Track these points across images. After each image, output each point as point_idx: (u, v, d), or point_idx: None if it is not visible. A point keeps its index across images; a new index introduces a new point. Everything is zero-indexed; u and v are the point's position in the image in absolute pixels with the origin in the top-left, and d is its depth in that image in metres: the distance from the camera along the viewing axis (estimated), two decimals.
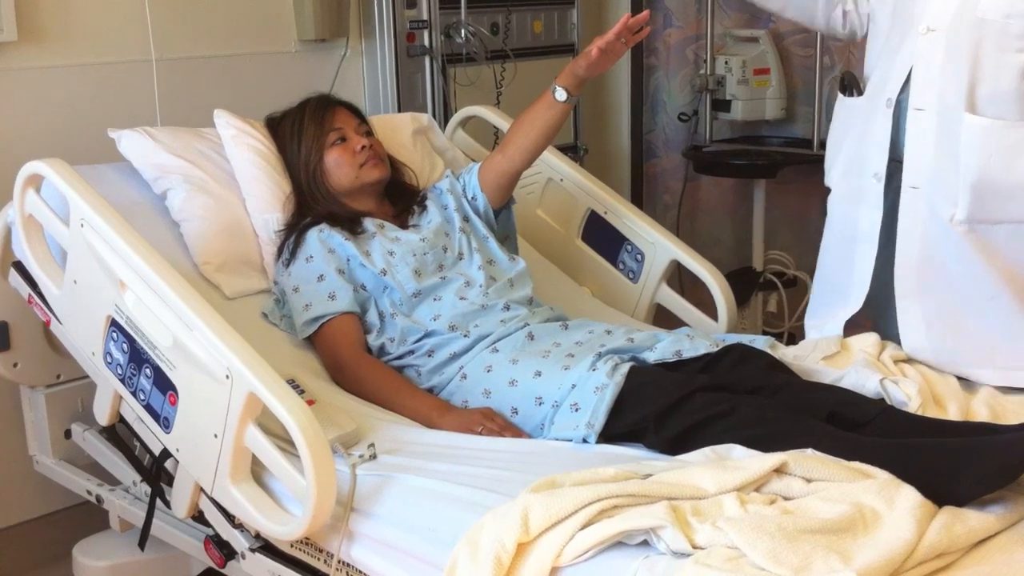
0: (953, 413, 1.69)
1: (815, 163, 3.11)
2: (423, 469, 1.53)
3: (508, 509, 1.31)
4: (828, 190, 2.08)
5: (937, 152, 1.82)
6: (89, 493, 2.05)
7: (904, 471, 1.36)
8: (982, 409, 1.70)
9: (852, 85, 2.02)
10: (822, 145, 3.08)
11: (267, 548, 1.65)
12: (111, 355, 1.69)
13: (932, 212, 1.84)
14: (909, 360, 1.87)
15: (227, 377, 1.49)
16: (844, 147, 2.02)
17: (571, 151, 3.14)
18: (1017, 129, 1.76)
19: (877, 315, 2.00)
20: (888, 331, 1.94)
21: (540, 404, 1.71)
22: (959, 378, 1.81)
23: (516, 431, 1.71)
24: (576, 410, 1.66)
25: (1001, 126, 1.76)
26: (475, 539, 1.31)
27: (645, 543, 1.27)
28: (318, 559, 1.56)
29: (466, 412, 1.75)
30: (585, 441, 1.64)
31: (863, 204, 1.95)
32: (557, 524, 1.29)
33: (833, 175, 2.06)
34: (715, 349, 1.78)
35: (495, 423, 1.70)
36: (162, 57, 2.41)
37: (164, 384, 1.61)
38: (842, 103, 2.06)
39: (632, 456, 1.58)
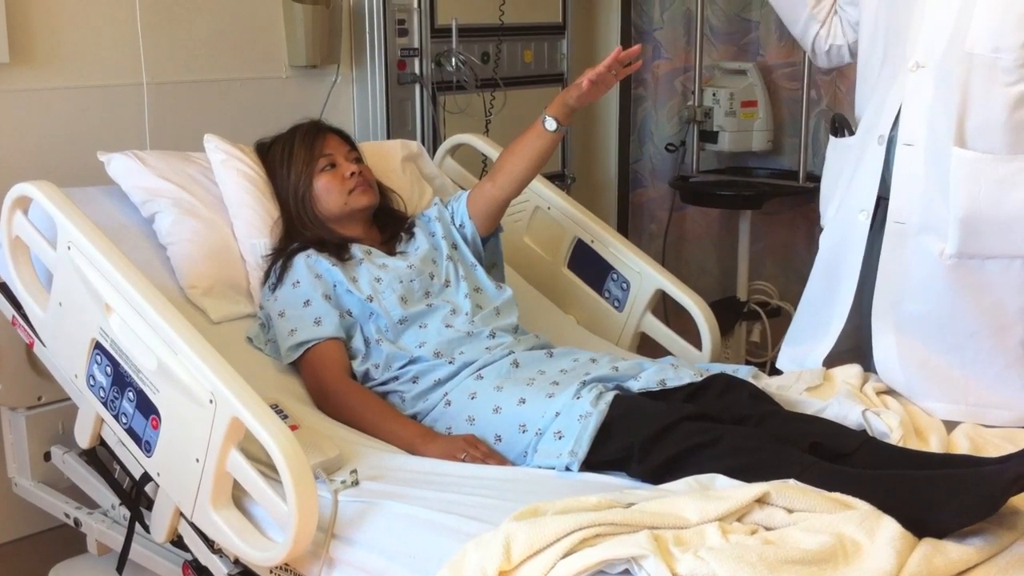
0: (934, 445, 1.70)
1: (801, 195, 3.18)
2: (406, 496, 1.52)
3: (491, 537, 1.31)
4: (817, 224, 2.10)
5: (927, 187, 1.83)
6: (67, 516, 2.04)
7: (885, 502, 1.37)
8: (963, 441, 1.71)
9: (843, 126, 2.04)
10: (808, 177, 3.14)
11: (246, 574, 1.63)
12: (94, 378, 1.68)
13: (918, 247, 1.85)
14: (891, 392, 1.88)
15: (211, 401, 1.49)
16: (839, 187, 2.02)
17: (559, 179, 3.16)
18: (1007, 163, 1.76)
19: (862, 347, 2.01)
20: (872, 363, 1.94)
21: (524, 431, 1.71)
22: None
23: (500, 458, 1.71)
24: (560, 438, 1.67)
25: (991, 160, 1.76)
26: (457, 567, 1.30)
27: (627, 572, 1.27)
28: None
29: (450, 439, 1.75)
30: (568, 469, 1.63)
31: (848, 240, 1.96)
32: (539, 552, 1.29)
33: (828, 215, 2.07)
34: (699, 378, 1.79)
35: (479, 450, 1.70)
36: (153, 81, 2.42)
37: (147, 408, 1.60)
38: (834, 145, 2.07)
39: (615, 485, 1.58)
